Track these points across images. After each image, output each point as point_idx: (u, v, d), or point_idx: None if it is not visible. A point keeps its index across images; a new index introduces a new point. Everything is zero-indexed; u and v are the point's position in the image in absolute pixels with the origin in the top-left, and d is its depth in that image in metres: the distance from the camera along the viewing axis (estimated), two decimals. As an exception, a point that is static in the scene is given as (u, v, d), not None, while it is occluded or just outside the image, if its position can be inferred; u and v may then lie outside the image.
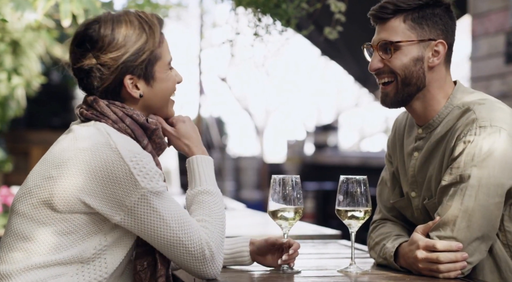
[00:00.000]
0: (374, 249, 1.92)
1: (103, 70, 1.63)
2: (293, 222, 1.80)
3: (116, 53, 1.62)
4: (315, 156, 11.05)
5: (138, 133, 1.65)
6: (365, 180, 1.79)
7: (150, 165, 1.59)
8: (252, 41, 2.77)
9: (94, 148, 1.57)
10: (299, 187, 1.79)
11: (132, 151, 1.58)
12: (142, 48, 1.64)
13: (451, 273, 1.69)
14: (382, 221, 2.00)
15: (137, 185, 1.56)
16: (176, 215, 1.61)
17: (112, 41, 1.62)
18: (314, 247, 2.37)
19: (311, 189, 8.85)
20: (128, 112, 1.65)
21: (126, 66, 1.63)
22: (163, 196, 1.61)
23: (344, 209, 1.78)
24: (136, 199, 1.57)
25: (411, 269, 1.76)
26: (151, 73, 1.67)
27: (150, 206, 1.58)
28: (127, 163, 1.56)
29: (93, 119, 1.65)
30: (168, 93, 1.72)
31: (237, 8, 2.79)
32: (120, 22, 1.64)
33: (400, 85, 1.83)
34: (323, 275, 1.81)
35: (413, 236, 1.75)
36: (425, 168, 1.86)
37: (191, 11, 11.30)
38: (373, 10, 1.85)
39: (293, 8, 2.74)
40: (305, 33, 2.88)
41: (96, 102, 1.66)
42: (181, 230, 1.61)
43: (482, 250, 1.73)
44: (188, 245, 1.61)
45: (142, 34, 1.65)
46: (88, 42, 1.63)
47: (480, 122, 1.73)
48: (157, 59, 1.67)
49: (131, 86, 1.66)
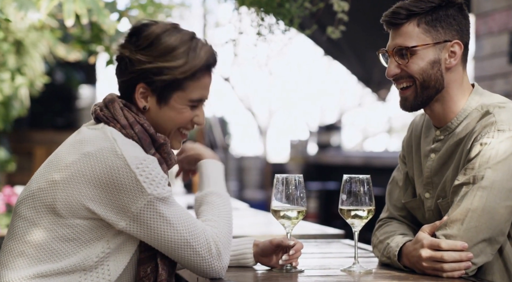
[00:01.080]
0: (378, 247, 1.92)
1: (128, 65, 1.64)
2: (296, 221, 1.80)
3: (144, 58, 1.62)
4: (318, 155, 11.04)
5: (145, 142, 1.64)
6: (369, 179, 1.78)
7: (156, 170, 1.59)
8: (255, 41, 2.77)
9: (99, 154, 1.56)
10: (302, 186, 1.79)
11: (138, 157, 1.57)
12: (170, 69, 1.62)
13: (455, 272, 1.69)
14: (388, 220, 2.00)
15: (143, 191, 1.56)
16: (182, 218, 1.62)
17: (151, 46, 1.62)
18: (317, 246, 2.36)
19: (314, 189, 8.84)
20: (140, 120, 1.64)
21: (145, 74, 1.62)
22: (169, 201, 1.61)
23: (347, 208, 1.78)
24: (142, 205, 1.57)
25: (415, 268, 1.76)
26: (166, 97, 1.65)
27: (156, 212, 1.58)
28: (133, 170, 1.55)
29: (103, 121, 1.64)
30: (173, 124, 1.68)
31: (240, 7, 2.79)
32: (171, 36, 1.63)
33: (419, 89, 1.82)
34: (327, 274, 1.81)
35: (418, 235, 1.75)
36: (442, 170, 1.86)
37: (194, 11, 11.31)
38: (386, 16, 1.84)
39: (296, 7, 2.73)
40: (308, 32, 2.88)
41: (111, 102, 1.65)
42: (188, 232, 1.62)
43: (487, 253, 1.72)
44: (195, 245, 1.62)
45: (180, 59, 1.62)
46: (135, 36, 1.65)
47: (498, 125, 1.73)
48: (180, 88, 1.64)
49: (140, 96, 1.65)
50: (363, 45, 7.82)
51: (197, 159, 1.87)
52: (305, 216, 1.83)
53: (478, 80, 4.55)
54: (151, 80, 1.63)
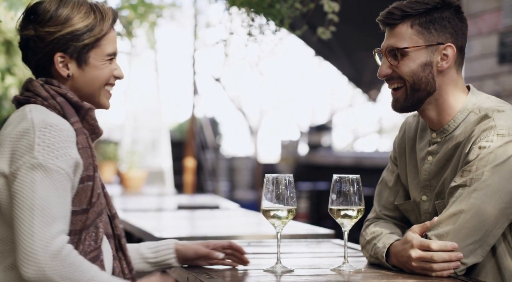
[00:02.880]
0: (366, 248, 1.93)
1: (38, 42, 1.67)
2: (286, 221, 1.80)
3: (53, 28, 1.66)
4: (309, 156, 11.05)
5: (67, 111, 1.65)
6: (358, 179, 1.79)
7: (58, 139, 1.56)
8: (246, 41, 2.78)
9: (16, 126, 1.58)
10: (292, 186, 1.80)
11: (46, 121, 1.57)
12: (82, 31, 1.67)
13: (444, 272, 1.70)
14: (375, 220, 2.00)
15: (32, 153, 1.53)
16: (50, 198, 1.51)
17: (53, 17, 1.66)
18: (307, 246, 2.37)
19: (305, 189, 8.85)
20: (62, 91, 1.67)
21: (60, 43, 1.66)
22: (51, 175, 1.53)
23: (337, 208, 1.79)
24: (22, 163, 1.53)
25: (404, 267, 1.77)
26: (85, 58, 1.69)
27: (31, 177, 1.52)
28: (35, 131, 1.55)
29: (24, 102, 1.66)
30: (99, 81, 1.72)
31: (231, 8, 2.80)
32: (68, 3, 1.68)
33: (410, 91, 1.83)
34: (316, 273, 1.81)
35: (407, 235, 1.76)
36: (440, 173, 1.86)
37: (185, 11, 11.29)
38: (381, 16, 1.84)
39: (287, 8, 2.74)
40: (298, 33, 2.89)
41: (30, 83, 1.69)
42: (43, 212, 1.50)
43: (478, 254, 1.73)
44: (37, 226, 1.48)
45: (87, 19, 1.68)
46: (33, 15, 1.68)
47: (498, 130, 1.74)
48: (95, 46, 1.69)
49: (60, 65, 1.68)
50: (354, 46, 7.84)
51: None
52: (295, 215, 1.84)
53: (467, 81, 4.56)
54: (66, 46, 1.67)
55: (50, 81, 1.68)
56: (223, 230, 3.07)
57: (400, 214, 2.00)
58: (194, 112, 9.96)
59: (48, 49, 1.67)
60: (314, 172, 10.32)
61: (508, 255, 1.79)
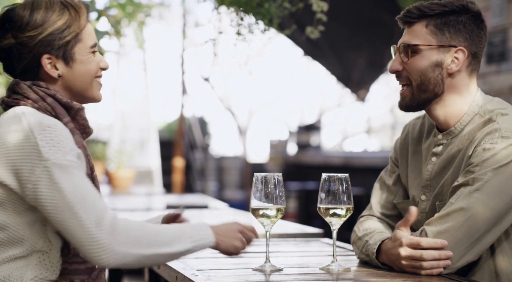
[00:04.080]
0: (357, 244, 1.93)
1: (21, 49, 1.66)
2: (275, 220, 1.81)
3: (33, 32, 1.65)
4: (297, 155, 11.07)
5: (59, 111, 1.65)
6: (347, 178, 1.80)
7: (60, 137, 1.56)
8: (235, 41, 2.78)
9: (7, 129, 1.58)
10: (281, 185, 1.80)
11: (42, 123, 1.57)
12: (62, 29, 1.67)
13: (434, 270, 1.71)
14: (369, 217, 2.01)
15: (40, 156, 1.53)
16: (76, 189, 1.53)
17: (30, 21, 1.66)
18: (296, 245, 2.38)
19: (294, 189, 8.86)
20: (50, 92, 1.67)
21: (44, 45, 1.66)
22: (67, 171, 1.54)
23: (326, 207, 1.79)
24: (39, 171, 1.53)
25: (393, 265, 1.77)
26: (71, 54, 1.69)
27: (51, 179, 1.52)
28: (35, 135, 1.55)
29: (13, 105, 1.66)
30: (89, 75, 1.73)
31: (220, 7, 2.80)
32: (40, 5, 1.68)
33: (416, 91, 1.85)
34: (305, 272, 1.82)
35: (396, 233, 1.76)
36: (441, 173, 1.87)
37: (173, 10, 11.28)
38: (401, 14, 1.88)
39: (276, 7, 2.74)
40: (287, 32, 2.89)
41: (17, 85, 1.68)
42: (78, 201, 1.52)
43: (472, 253, 1.73)
44: (81, 216, 1.50)
45: (63, 16, 1.68)
46: (7, 23, 1.67)
47: (502, 132, 1.75)
48: (77, 41, 1.70)
49: (49, 66, 1.68)
50: (343, 45, 7.85)
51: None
52: (284, 215, 1.84)
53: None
54: (51, 47, 1.67)
55: (37, 83, 1.68)
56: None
57: (396, 214, 2.01)
58: (183, 112, 9.94)
59: (34, 54, 1.66)
60: (303, 171, 10.34)
61: (509, 256, 1.79)
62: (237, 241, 1.67)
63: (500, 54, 4.14)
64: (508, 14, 4.11)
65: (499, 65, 4.14)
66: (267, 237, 1.83)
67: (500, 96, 2.03)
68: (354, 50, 8.18)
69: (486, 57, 4.23)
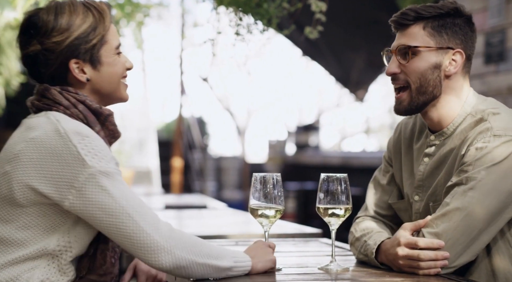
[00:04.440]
0: (355, 245, 1.93)
1: (48, 55, 1.65)
2: (273, 220, 1.81)
3: (59, 38, 1.64)
4: (296, 156, 11.07)
5: (90, 119, 1.66)
6: (346, 178, 1.80)
7: (100, 147, 1.59)
8: (234, 41, 2.78)
9: (44, 136, 1.58)
10: (280, 185, 1.80)
11: (81, 133, 1.58)
12: (87, 33, 1.66)
13: (431, 270, 1.71)
14: (365, 218, 2.01)
15: (84, 164, 1.55)
16: (127, 195, 1.57)
17: (55, 26, 1.64)
18: (295, 245, 2.38)
19: (293, 189, 8.87)
20: (80, 98, 1.66)
21: (71, 50, 1.65)
22: (114, 178, 1.57)
23: (325, 207, 1.79)
24: (84, 178, 1.55)
25: (392, 265, 1.77)
26: (97, 57, 1.68)
27: (98, 185, 1.55)
28: (75, 144, 1.56)
29: (44, 109, 1.66)
30: (116, 77, 1.72)
31: (218, 7, 2.80)
32: (63, 9, 1.66)
33: (415, 94, 1.84)
34: (304, 272, 1.82)
35: (397, 233, 1.77)
36: (434, 174, 1.87)
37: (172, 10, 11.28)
38: (395, 17, 1.87)
39: (274, 7, 2.75)
40: (286, 33, 2.89)
41: (47, 90, 1.66)
42: (131, 207, 1.56)
43: (470, 253, 1.74)
44: (138, 219, 1.55)
45: (87, 19, 1.66)
46: (32, 29, 1.66)
47: (494, 131, 1.75)
48: (103, 43, 1.68)
49: (77, 71, 1.67)
50: (341, 45, 7.86)
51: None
52: (283, 215, 1.84)
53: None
54: (78, 51, 1.65)
55: (66, 89, 1.67)
56: (210, 229, 3.07)
57: (391, 213, 2.01)
58: (182, 112, 9.94)
59: (61, 59, 1.65)
60: (302, 171, 10.34)
61: (504, 255, 1.79)
62: (270, 255, 1.74)
63: (499, 55, 4.14)
64: (506, 15, 4.11)
65: (498, 65, 4.15)
66: (266, 237, 1.83)
67: (498, 96, 2.04)
68: (353, 51, 8.19)
69: (484, 58, 4.24)
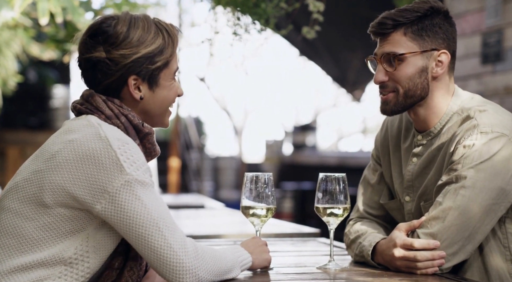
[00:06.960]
0: (351, 247, 1.93)
1: (111, 65, 1.62)
2: (265, 220, 1.81)
3: (127, 51, 1.61)
4: (293, 156, 11.07)
5: (131, 132, 1.63)
6: (344, 178, 1.80)
7: (138, 155, 1.57)
8: (231, 41, 2.78)
9: (83, 138, 1.56)
10: (271, 185, 1.80)
11: (122, 140, 1.56)
12: (154, 54, 1.63)
13: (429, 270, 1.71)
14: (358, 219, 2.01)
15: (122, 170, 1.53)
16: (159, 207, 1.56)
17: (126, 39, 1.61)
18: (293, 244, 2.38)
19: (290, 189, 8.86)
20: (124, 111, 1.64)
21: (134, 66, 1.62)
22: (148, 188, 1.56)
23: (323, 206, 1.79)
24: (120, 184, 1.53)
25: (389, 266, 1.78)
26: (156, 79, 1.66)
27: (133, 193, 1.53)
28: (114, 149, 1.54)
29: (86, 113, 1.64)
30: (168, 102, 1.70)
31: (216, 7, 2.80)
32: (138, 23, 1.64)
33: (402, 97, 1.84)
34: (302, 272, 1.82)
35: (392, 233, 1.77)
36: (424, 174, 1.87)
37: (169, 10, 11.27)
38: (372, 27, 1.85)
39: (272, 7, 2.75)
40: (283, 32, 2.89)
41: (92, 97, 1.64)
42: (162, 219, 1.54)
43: (466, 251, 1.74)
44: (167, 235, 1.53)
45: (157, 40, 1.64)
46: (101, 35, 1.62)
47: (481, 128, 1.75)
48: (165, 67, 1.66)
49: (133, 87, 1.64)
50: (338, 45, 7.86)
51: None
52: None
53: (451, 80, 4.60)
54: (140, 69, 1.63)
55: (111, 99, 1.64)
56: (208, 229, 3.07)
57: (383, 213, 2.01)
58: (179, 112, 9.94)
59: (123, 72, 1.62)
60: (299, 171, 10.34)
61: (496, 252, 1.80)
62: (267, 254, 1.74)
63: (496, 55, 4.15)
64: (503, 15, 4.12)
65: (495, 65, 4.15)
66: (258, 236, 1.82)
67: (495, 96, 2.04)
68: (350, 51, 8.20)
69: (481, 58, 4.25)
